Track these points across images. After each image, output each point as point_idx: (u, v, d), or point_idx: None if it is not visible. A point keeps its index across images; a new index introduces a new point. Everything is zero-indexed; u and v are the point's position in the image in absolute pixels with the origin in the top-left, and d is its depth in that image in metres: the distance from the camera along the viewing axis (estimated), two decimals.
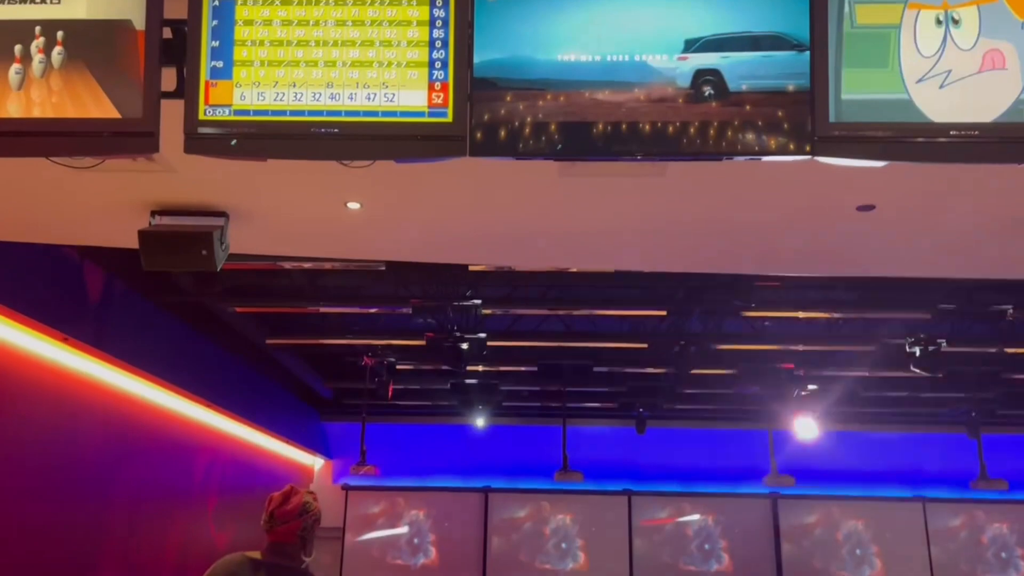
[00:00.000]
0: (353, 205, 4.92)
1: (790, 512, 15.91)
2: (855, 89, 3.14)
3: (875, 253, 5.70)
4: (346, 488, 16.13)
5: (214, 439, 11.70)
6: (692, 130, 3.11)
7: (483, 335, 11.60)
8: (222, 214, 5.03)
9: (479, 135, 3.15)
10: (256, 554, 2.84)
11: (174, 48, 3.22)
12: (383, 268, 8.71)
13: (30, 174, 4.40)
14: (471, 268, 9.14)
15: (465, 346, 11.20)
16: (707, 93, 3.14)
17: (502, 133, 3.14)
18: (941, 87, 3.11)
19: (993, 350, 11.70)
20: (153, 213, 5.06)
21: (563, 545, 15.92)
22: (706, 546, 15.88)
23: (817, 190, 4.59)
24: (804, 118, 3.10)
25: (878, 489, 16.13)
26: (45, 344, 7.52)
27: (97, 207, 5.07)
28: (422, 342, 11.74)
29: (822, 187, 4.54)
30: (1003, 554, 15.47)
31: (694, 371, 11.80)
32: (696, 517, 16.07)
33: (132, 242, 5.00)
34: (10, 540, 7.22)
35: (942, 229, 5.12)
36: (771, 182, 4.51)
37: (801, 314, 11.18)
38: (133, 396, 9.35)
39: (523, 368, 13.75)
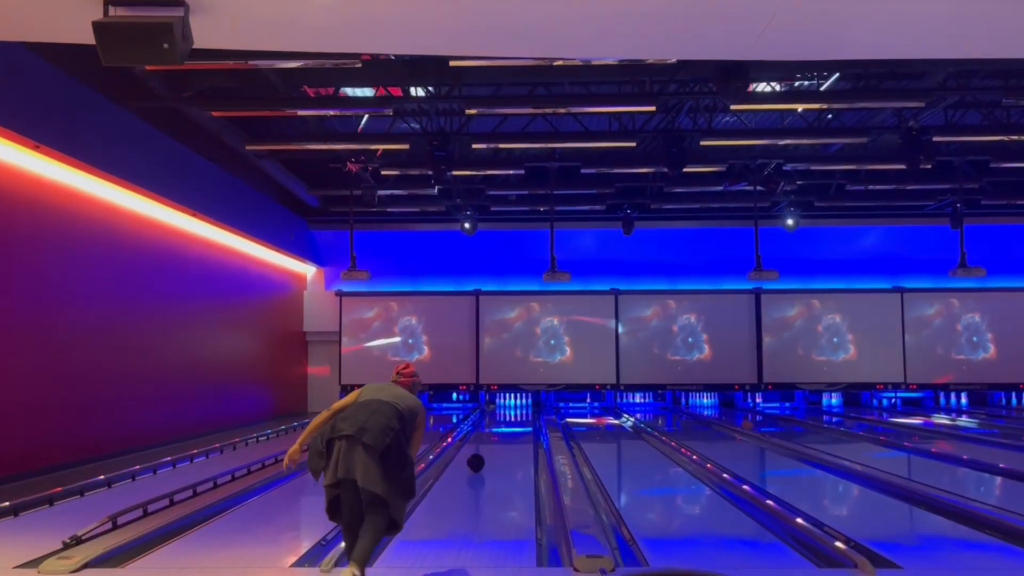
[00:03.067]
0: None
1: (772, 306, 16.42)
2: None
3: (877, 31, 5.43)
4: (339, 294, 16.46)
5: (203, 248, 11.74)
6: None
7: (467, 137, 11.36)
8: (180, 3, 4.70)
9: None
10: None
11: None
12: (359, 65, 8.33)
13: None
14: (452, 64, 8.75)
15: (449, 149, 10.99)
16: None
17: None
18: None
19: (986, 139, 11.59)
20: (107, 3, 4.73)
21: (552, 342, 16.51)
22: (689, 339, 16.50)
23: None
24: None
25: (859, 282, 16.57)
26: (16, 152, 7.33)
27: None
28: (405, 146, 11.51)
29: None
30: (975, 338, 16.16)
31: (683, 169, 11.67)
32: (681, 313, 16.57)
33: (88, 37, 4.70)
34: None
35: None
36: None
37: (793, 106, 10.94)
38: (117, 206, 9.25)
39: (510, 171, 13.62)
